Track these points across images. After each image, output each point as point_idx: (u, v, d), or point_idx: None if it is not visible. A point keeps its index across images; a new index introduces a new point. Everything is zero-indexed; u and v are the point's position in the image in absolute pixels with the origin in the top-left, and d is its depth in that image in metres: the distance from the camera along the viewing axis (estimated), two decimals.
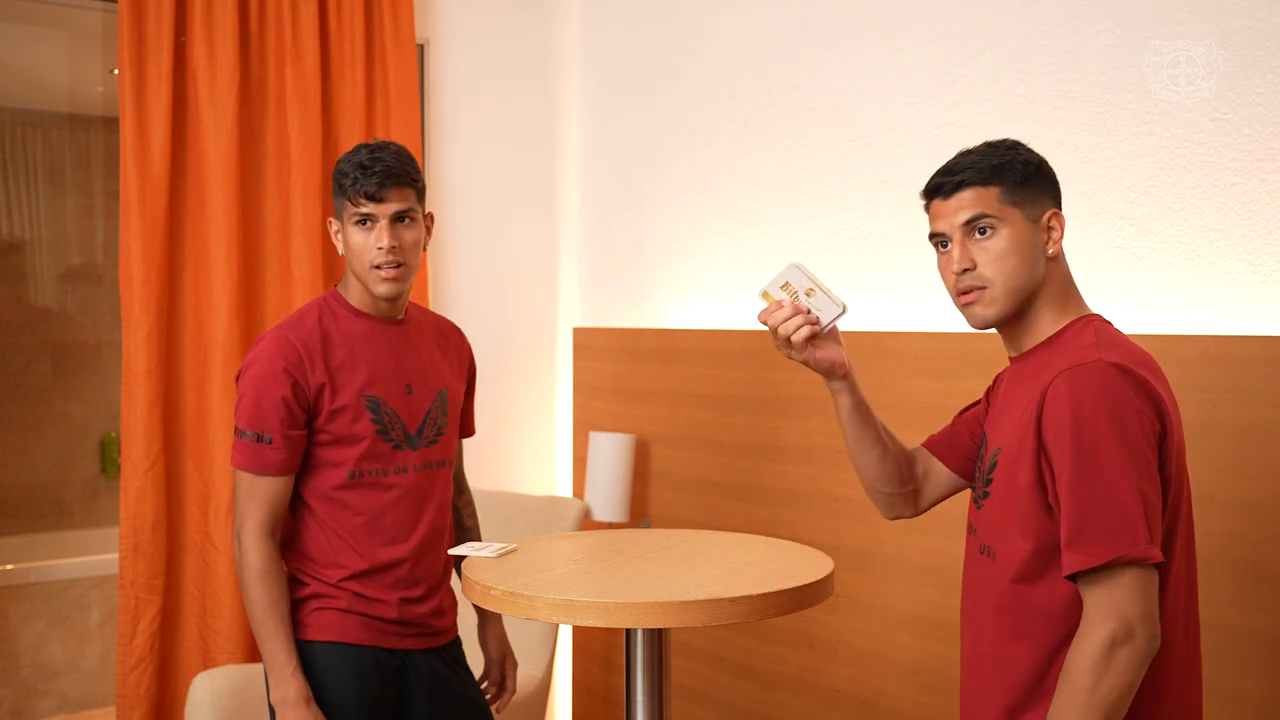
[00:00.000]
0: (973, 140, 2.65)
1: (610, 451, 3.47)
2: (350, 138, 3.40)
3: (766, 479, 3.11)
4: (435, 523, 2.19)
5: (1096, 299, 2.35)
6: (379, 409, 2.11)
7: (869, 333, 2.82)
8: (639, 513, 3.56)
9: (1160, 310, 2.27)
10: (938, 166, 1.67)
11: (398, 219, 2.07)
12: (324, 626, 2.10)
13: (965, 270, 1.56)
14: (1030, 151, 1.63)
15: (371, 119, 3.47)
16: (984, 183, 1.57)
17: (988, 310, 1.57)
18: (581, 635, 3.80)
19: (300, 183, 3.29)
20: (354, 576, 2.10)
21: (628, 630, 1.91)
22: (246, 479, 2.06)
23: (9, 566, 4.25)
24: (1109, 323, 1.59)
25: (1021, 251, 1.55)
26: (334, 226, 2.14)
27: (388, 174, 2.05)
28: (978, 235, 1.56)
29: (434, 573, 2.20)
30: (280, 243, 3.31)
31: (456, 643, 2.30)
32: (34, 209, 5.29)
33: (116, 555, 3.24)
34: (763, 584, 1.77)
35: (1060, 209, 1.62)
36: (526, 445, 3.93)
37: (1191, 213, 2.22)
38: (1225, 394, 2.11)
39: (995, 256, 1.55)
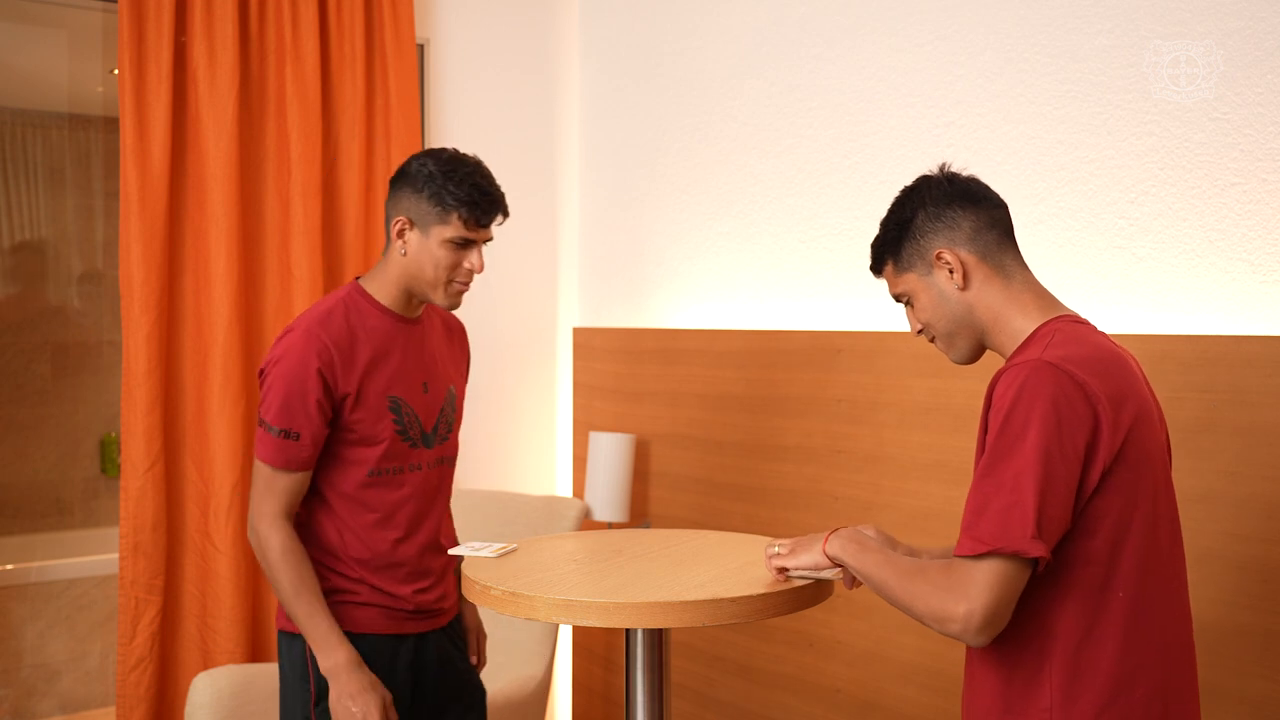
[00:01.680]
0: (973, 140, 2.65)
1: (610, 451, 3.46)
2: (350, 138, 3.40)
3: (766, 479, 3.11)
4: (440, 517, 2.27)
5: (1096, 299, 2.35)
6: (400, 409, 2.14)
7: (869, 333, 2.82)
8: (639, 513, 3.56)
9: (1160, 310, 2.27)
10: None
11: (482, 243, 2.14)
12: (346, 620, 2.14)
13: (918, 333, 1.71)
14: (905, 204, 1.66)
15: (371, 119, 3.47)
16: (881, 264, 1.72)
17: (951, 355, 1.69)
18: (581, 635, 3.80)
19: (300, 183, 3.29)
20: (370, 570, 2.15)
21: (628, 630, 1.91)
22: (267, 472, 2.07)
23: (9, 566, 4.25)
24: (1083, 323, 1.59)
25: (935, 304, 1.65)
26: (400, 224, 2.10)
27: (499, 206, 2.10)
28: (906, 305, 1.71)
29: (439, 563, 2.26)
30: (280, 243, 3.31)
31: (457, 619, 2.36)
32: (34, 209, 5.29)
33: (116, 555, 3.24)
34: (763, 584, 1.77)
35: (950, 243, 1.61)
36: (526, 445, 3.93)
37: (1191, 213, 2.22)
38: (1225, 394, 2.11)
39: (924, 316, 1.67)
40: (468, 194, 2.04)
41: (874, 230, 1.73)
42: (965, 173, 1.68)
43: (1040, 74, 2.48)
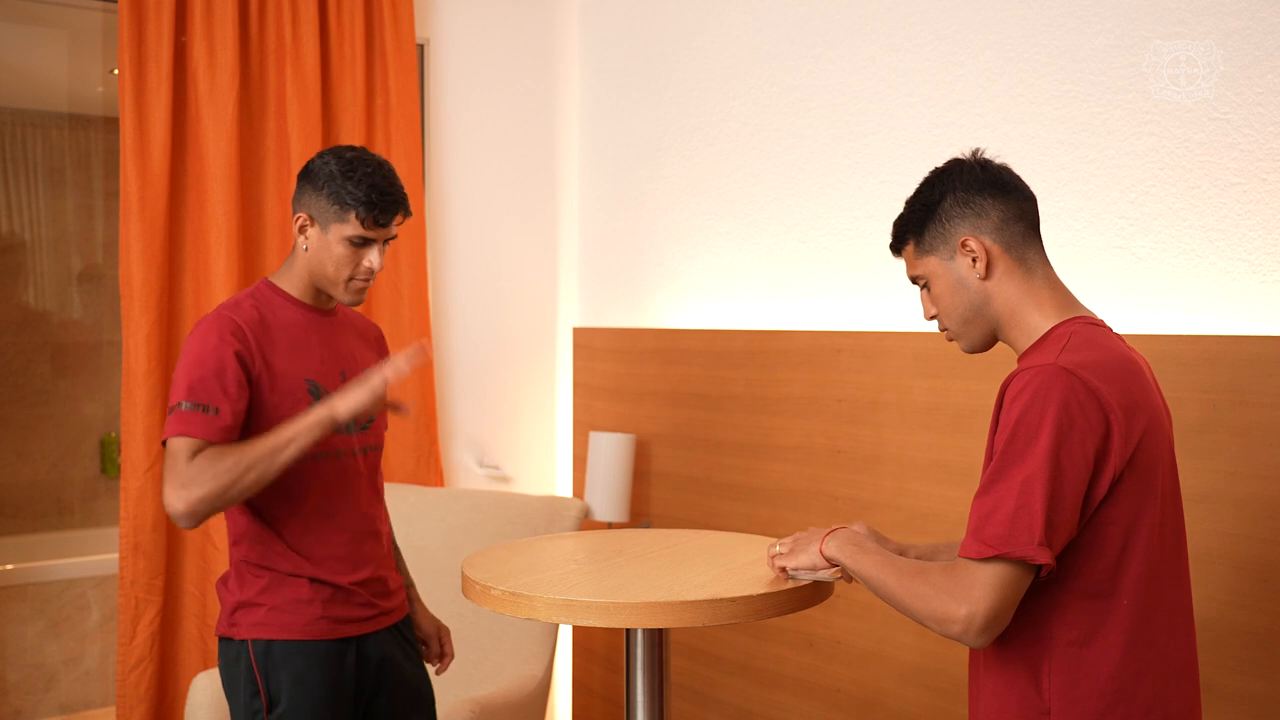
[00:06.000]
0: (972, 140, 2.65)
1: (610, 451, 3.46)
2: (350, 138, 3.40)
3: (766, 479, 3.11)
4: (374, 505, 2.22)
5: (1096, 299, 2.35)
6: (319, 394, 2.11)
7: (869, 333, 2.82)
8: (639, 513, 3.56)
9: (1160, 310, 2.27)
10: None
11: (383, 242, 2.12)
12: (287, 626, 2.10)
13: (932, 317, 1.69)
14: (934, 186, 1.64)
15: (371, 119, 3.47)
16: (902, 244, 1.69)
17: (962, 344, 1.68)
18: (581, 635, 3.80)
19: None
20: (310, 561, 2.10)
21: (628, 630, 1.91)
22: (178, 445, 1.95)
23: (9, 566, 4.25)
24: (1099, 325, 1.57)
25: (952, 290, 1.63)
26: (301, 220, 2.11)
27: (398, 205, 2.09)
28: (923, 288, 1.69)
29: (378, 553, 2.21)
30: (280, 243, 3.31)
31: (407, 621, 2.31)
32: (34, 209, 5.29)
33: (116, 555, 3.25)
34: (763, 584, 1.77)
35: (976, 231, 1.59)
36: (526, 445, 3.93)
37: (1191, 213, 2.22)
38: (1225, 394, 2.11)
39: (938, 303, 1.66)
40: (365, 194, 2.04)
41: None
42: (998, 160, 1.66)
43: (1040, 74, 2.48)
